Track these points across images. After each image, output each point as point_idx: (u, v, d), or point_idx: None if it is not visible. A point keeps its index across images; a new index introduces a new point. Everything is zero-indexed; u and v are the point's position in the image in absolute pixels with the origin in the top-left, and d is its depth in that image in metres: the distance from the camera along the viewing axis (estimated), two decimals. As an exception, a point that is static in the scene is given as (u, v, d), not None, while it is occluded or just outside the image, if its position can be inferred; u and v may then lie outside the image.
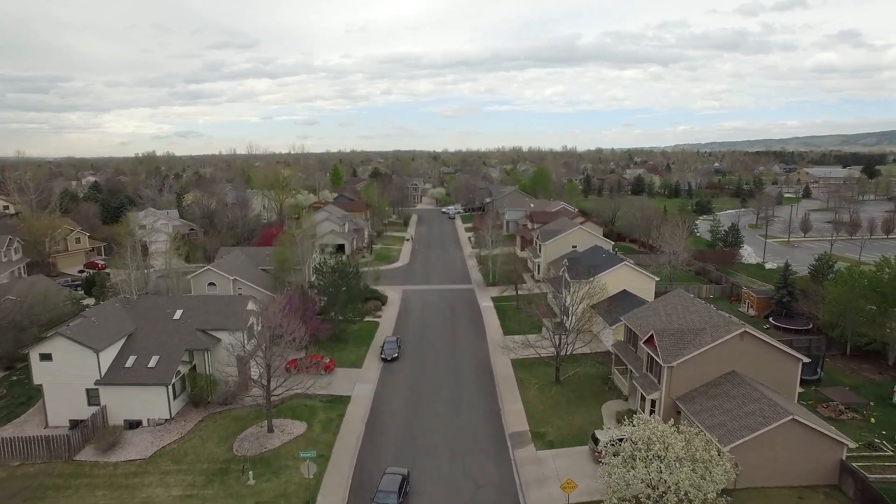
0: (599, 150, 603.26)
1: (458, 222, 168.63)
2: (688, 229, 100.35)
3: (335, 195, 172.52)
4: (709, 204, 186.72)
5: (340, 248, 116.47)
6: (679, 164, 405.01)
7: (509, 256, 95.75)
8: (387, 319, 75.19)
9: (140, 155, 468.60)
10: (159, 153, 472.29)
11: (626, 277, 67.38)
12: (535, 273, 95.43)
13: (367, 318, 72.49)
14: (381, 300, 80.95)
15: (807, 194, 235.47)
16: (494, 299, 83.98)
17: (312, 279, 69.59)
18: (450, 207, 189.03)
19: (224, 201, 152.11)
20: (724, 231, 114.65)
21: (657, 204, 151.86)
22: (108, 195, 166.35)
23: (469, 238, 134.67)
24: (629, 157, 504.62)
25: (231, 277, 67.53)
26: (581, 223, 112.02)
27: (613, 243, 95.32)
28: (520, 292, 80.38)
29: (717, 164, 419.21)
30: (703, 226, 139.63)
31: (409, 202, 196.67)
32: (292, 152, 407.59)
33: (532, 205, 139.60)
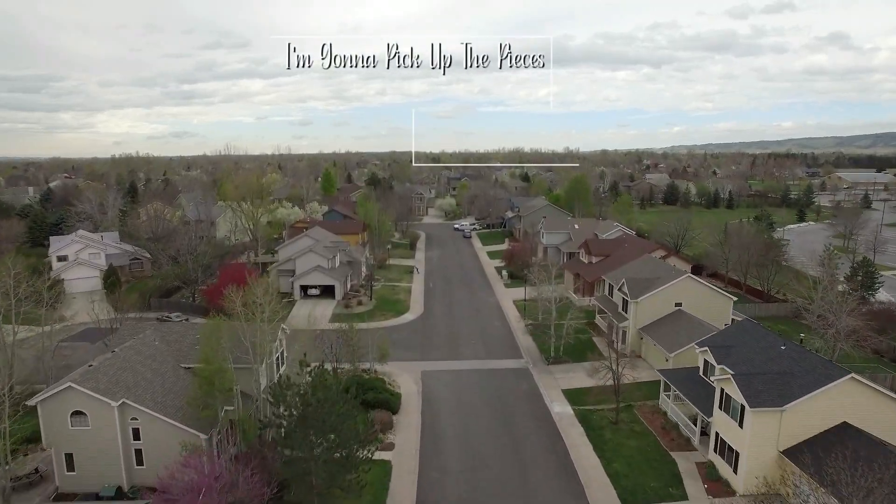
0: (605, 152, 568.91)
1: (477, 243, 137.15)
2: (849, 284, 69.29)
3: (325, 209, 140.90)
4: (769, 218, 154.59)
5: (329, 290, 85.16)
6: (696, 168, 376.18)
7: (569, 308, 64.71)
8: (403, 452, 43.79)
9: (117, 156, 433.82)
10: (156, 153, 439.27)
11: (850, 399, 36.34)
12: (619, 342, 64.12)
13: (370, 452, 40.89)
14: (392, 405, 49.58)
15: (867, 204, 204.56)
16: (570, 396, 52.82)
17: (270, 408, 37.10)
18: (463, 223, 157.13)
19: (185, 219, 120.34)
20: (852, 267, 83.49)
21: (728, 217, 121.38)
22: (41, 209, 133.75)
23: (499, 271, 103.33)
24: (638, 159, 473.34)
25: (115, 404, 35.91)
26: (663, 257, 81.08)
27: (735, 298, 63.93)
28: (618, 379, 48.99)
29: (733, 168, 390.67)
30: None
31: (413, 215, 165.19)
32: (278, 153, 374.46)
33: (576, 226, 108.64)
